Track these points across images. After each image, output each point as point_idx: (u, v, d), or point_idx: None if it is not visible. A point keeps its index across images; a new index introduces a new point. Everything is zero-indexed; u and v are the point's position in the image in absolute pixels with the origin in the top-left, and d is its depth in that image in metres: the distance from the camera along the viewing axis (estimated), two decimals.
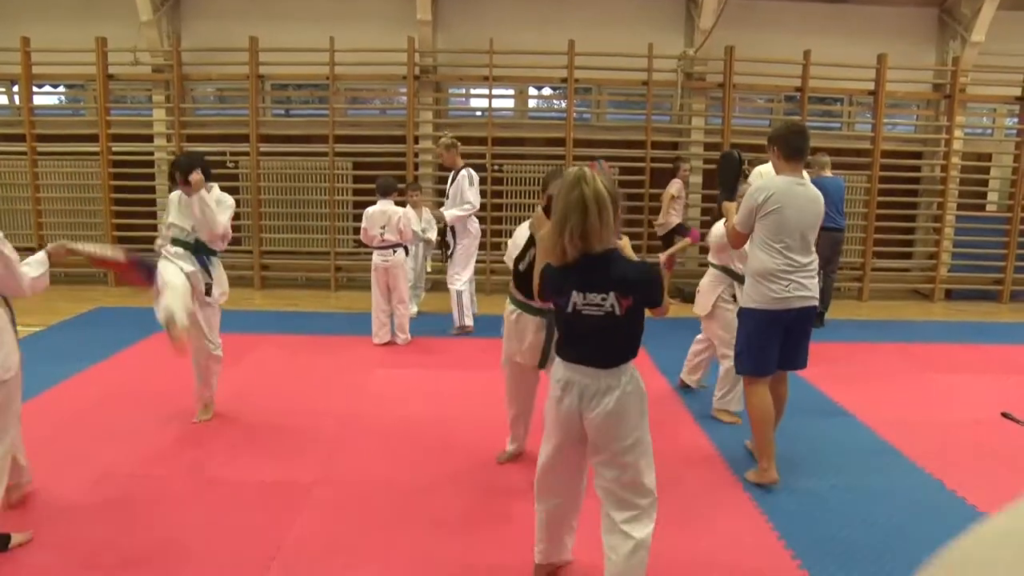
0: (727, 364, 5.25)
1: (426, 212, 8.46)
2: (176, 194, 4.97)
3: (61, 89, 10.70)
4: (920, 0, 10.42)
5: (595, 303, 2.75)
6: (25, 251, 10.31)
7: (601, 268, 2.78)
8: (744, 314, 4.31)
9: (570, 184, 2.75)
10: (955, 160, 10.44)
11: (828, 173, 8.41)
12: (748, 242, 4.32)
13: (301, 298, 9.59)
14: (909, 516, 3.89)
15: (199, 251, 4.96)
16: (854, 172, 10.19)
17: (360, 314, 8.00)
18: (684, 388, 5.99)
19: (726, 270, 5.40)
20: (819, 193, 4.29)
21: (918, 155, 10.83)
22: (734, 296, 5.28)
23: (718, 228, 5.38)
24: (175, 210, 4.96)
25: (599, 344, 2.82)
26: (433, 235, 8.43)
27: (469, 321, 7.74)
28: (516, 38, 9.81)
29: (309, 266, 10.44)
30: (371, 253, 7.28)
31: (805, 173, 4.41)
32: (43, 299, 8.98)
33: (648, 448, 2.88)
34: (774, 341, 4.22)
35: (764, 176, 7.57)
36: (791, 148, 4.20)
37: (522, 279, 3.82)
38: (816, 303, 4.25)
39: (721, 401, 5.44)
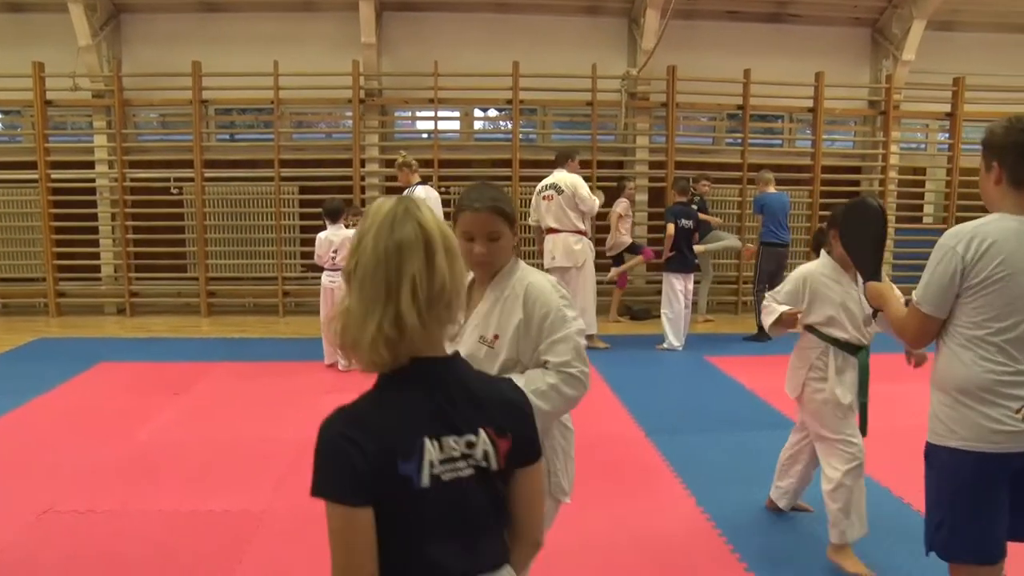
0: (830, 474, 3.52)
1: None
2: None
3: None
4: (854, 20, 10.75)
5: (459, 455, 1.39)
6: None
7: (458, 385, 1.45)
8: (939, 458, 2.42)
9: (385, 218, 1.39)
10: (892, 174, 10.76)
11: (772, 189, 8.63)
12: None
13: (249, 324, 9.46)
14: None
15: None
16: (796, 188, 10.40)
17: (309, 339, 7.92)
18: (774, 511, 4.08)
19: (818, 332, 3.76)
20: None
21: (857, 170, 11.12)
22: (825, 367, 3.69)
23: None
24: None
25: (472, 532, 1.43)
26: None
27: None
28: (461, 60, 9.87)
29: (256, 292, 10.31)
30: (320, 277, 7.23)
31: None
32: None
33: None
34: (999, 503, 2.35)
35: (566, 184, 7.19)
36: None
37: None
38: None
39: (835, 530, 3.46)
